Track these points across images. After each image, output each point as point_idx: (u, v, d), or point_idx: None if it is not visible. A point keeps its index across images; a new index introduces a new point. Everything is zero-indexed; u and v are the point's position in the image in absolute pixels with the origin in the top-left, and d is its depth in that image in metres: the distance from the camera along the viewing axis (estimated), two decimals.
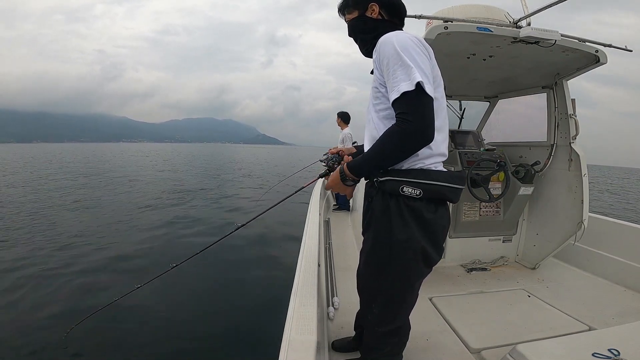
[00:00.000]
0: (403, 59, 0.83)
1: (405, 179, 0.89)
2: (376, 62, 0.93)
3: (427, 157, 0.91)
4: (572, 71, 2.04)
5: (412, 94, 0.80)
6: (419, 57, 0.84)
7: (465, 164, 2.22)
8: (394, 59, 0.84)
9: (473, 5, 1.86)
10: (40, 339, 2.40)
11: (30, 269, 3.73)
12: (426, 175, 0.90)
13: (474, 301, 1.87)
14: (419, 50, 0.86)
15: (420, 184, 0.88)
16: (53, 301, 3.01)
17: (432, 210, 0.92)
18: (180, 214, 6.68)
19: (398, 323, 1.05)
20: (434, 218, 0.92)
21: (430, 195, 0.90)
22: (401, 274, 0.95)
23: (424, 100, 0.82)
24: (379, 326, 1.03)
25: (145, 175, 14.58)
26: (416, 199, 0.89)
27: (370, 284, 1.04)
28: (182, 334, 2.54)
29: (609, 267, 2.21)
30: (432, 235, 0.93)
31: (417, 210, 0.90)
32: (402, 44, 0.85)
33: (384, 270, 0.96)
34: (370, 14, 1.03)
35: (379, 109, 0.96)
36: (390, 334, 1.05)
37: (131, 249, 4.46)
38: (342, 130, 4.56)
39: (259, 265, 3.95)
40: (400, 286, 0.98)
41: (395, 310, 1.02)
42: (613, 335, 1.14)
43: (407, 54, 0.84)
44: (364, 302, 1.11)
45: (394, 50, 0.85)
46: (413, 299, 1.04)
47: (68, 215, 6.59)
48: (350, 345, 1.39)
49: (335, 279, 2.06)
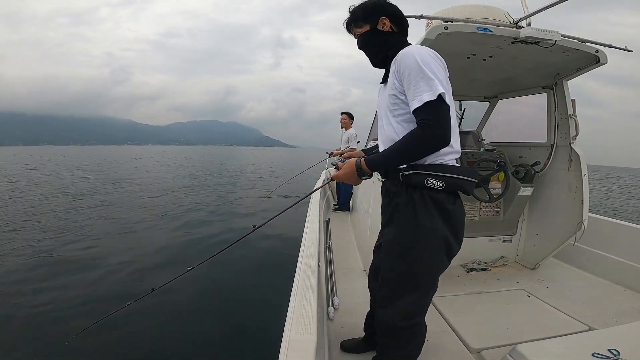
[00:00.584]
0: (425, 72, 0.91)
1: (429, 172, 0.97)
2: (396, 72, 1.00)
3: (446, 153, 1.00)
4: (572, 71, 2.04)
5: (433, 102, 0.89)
6: (437, 70, 0.93)
7: (465, 164, 2.22)
8: (416, 71, 0.93)
9: (473, 6, 1.86)
10: (47, 341, 2.40)
11: (43, 268, 3.75)
12: (447, 169, 0.98)
13: (474, 301, 1.87)
14: (437, 64, 0.95)
15: (443, 176, 0.97)
16: (65, 302, 3.03)
17: (451, 201, 1.00)
18: (194, 218, 6.65)
19: (418, 319, 1.06)
20: (454, 209, 1.00)
21: (450, 187, 0.98)
22: (427, 260, 1.00)
23: (444, 109, 0.92)
24: (400, 320, 1.02)
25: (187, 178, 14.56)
26: (439, 190, 0.97)
27: (393, 274, 1.05)
28: (182, 334, 2.54)
29: (609, 267, 2.21)
30: (454, 225, 1.00)
31: (440, 201, 0.98)
32: (423, 57, 0.94)
33: (408, 256, 1.00)
34: (382, 27, 1.09)
35: (398, 114, 1.03)
36: (409, 330, 1.04)
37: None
38: (346, 130, 4.55)
39: (259, 266, 3.95)
40: (425, 274, 1.02)
41: (417, 301, 1.04)
42: (613, 335, 1.14)
43: (428, 67, 0.92)
44: (385, 295, 1.09)
45: (416, 64, 0.93)
46: (433, 292, 1.06)
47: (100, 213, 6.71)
48: (360, 346, 1.39)
49: (335, 279, 2.06)
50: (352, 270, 2.30)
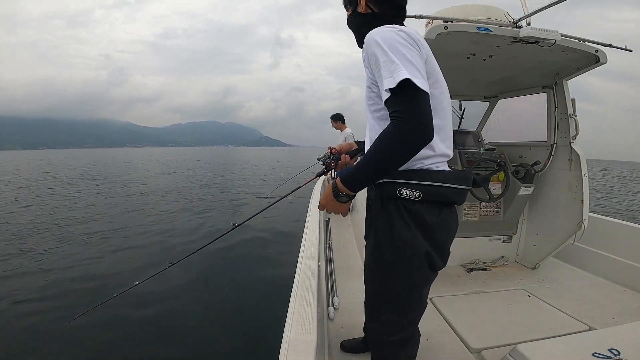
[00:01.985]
0: (389, 55, 0.76)
1: (402, 181, 0.83)
2: (365, 61, 0.88)
3: (426, 157, 0.86)
4: (572, 71, 2.04)
5: (403, 90, 0.73)
6: (407, 51, 0.77)
7: (465, 164, 2.22)
8: (380, 55, 0.78)
9: (473, 5, 1.85)
10: (31, 334, 2.42)
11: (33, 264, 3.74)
12: (426, 176, 0.84)
13: (474, 301, 1.87)
14: (406, 44, 0.79)
15: (420, 185, 0.83)
16: (44, 297, 3.06)
17: (435, 213, 0.85)
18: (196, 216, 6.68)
19: (407, 332, 0.98)
20: (437, 222, 0.85)
21: (431, 197, 0.84)
22: (406, 279, 0.89)
23: (418, 96, 0.74)
24: (387, 335, 0.97)
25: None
26: (415, 201, 0.83)
27: (375, 290, 0.99)
28: (181, 334, 2.54)
29: (609, 267, 2.21)
30: (437, 240, 0.87)
31: (418, 213, 0.84)
32: (386, 39, 0.79)
33: (388, 275, 0.91)
34: (360, 9, 0.97)
35: (373, 109, 0.90)
36: (399, 343, 0.98)
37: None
38: (342, 131, 4.54)
39: (259, 266, 3.95)
40: (406, 292, 0.92)
41: (403, 317, 0.95)
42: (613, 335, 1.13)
43: (393, 48, 0.77)
44: (371, 311, 1.05)
45: (378, 47, 0.79)
46: (421, 305, 0.98)
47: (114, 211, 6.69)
48: (360, 346, 1.39)
49: (335, 279, 2.06)
50: (352, 270, 2.30)
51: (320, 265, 1.54)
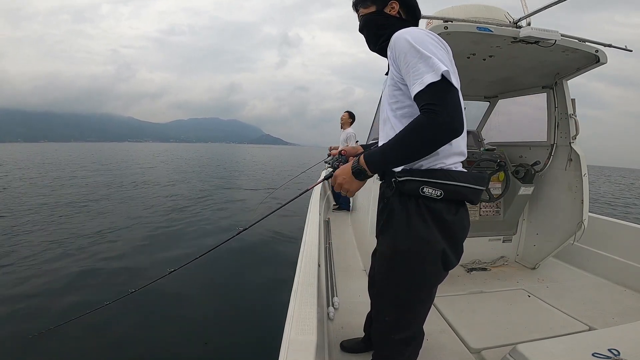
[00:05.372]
0: (421, 52, 0.80)
1: (426, 179, 0.86)
2: (391, 59, 0.90)
3: (447, 156, 0.89)
4: (572, 71, 2.04)
5: (438, 84, 0.77)
6: (437, 50, 0.81)
7: (465, 164, 2.22)
8: (412, 53, 0.81)
9: (473, 5, 1.85)
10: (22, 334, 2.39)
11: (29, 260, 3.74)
12: (447, 176, 0.87)
13: (474, 301, 1.87)
14: (436, 44, 0.83)
15: (442, 184, 0.86)
16: (40, 295, 3.04)
17: (452, 211, 0.89)
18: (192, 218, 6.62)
19: (414, 330, 1.00)
20: (454, 220, 0.89)
21: (451, 196, 0.87)
22: (421, 277, 0.92)
23: (452, 92, 0.78)
24: (394, 333, 0.98)
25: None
26: (437, 200, 0.86)
27: (387, 288, 0.99)
28: (181, 334, 2.54)
29: (609, 267, 2.21)
30: (453, 237, 0.90)
31: (438, 211, 0.87)
32: (417, 38, 0.82)
33: (402, 273, 0.92)
34: (389, 10, 1.00)
35: (396, 107, 0.92)
36: (405, 341, 0.99)
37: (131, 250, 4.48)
38: (344, 130, 4.54)
39: (259, 266, 3.95)
40: (419, 290, 0.94)
41: (412, 315, 0.98)
42: (613, 335, 1.14)
43: (425, 47, 0.81)
44: (379, 308, 1.06)
45: (410, 45, 0.82)
46: (430, 304, 0.99)
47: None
48: (360, 346, 1.39)
49: (335, 279, 2.06)
50: (352, 270, 2.30)
51: (320, 265, 1.54)
